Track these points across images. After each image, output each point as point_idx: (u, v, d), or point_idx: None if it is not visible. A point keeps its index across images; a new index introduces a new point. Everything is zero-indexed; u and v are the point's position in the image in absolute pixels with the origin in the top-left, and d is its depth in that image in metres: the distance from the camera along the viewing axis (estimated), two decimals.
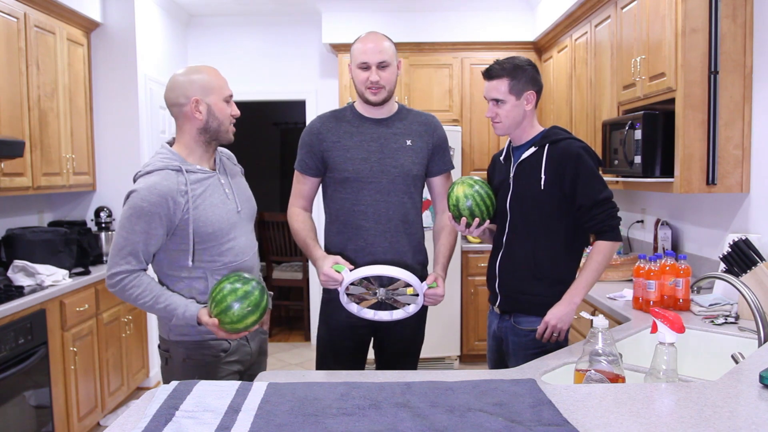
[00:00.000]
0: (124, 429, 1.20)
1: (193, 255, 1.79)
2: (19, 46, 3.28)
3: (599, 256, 2.01)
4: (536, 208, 2.02)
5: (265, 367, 2.06)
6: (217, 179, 1.87)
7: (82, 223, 4.03)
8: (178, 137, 1.88)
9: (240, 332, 1.75)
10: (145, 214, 1.72)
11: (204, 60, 5.19)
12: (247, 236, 1.92)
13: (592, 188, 1.97)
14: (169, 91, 1.83)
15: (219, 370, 1.83)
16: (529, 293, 2.06)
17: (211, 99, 1.82)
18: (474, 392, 1.31)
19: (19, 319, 2.79)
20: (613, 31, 3.29)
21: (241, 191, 1.94)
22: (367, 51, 2.02)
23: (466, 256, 4.62)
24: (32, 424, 2.87)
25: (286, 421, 1.17)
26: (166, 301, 1.76)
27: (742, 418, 1.21)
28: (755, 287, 2.13)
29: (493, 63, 2.05)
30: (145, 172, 1.79)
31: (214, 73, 1.87)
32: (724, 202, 2.79)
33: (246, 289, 1.71)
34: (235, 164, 2.04)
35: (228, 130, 1.88)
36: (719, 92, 2.55)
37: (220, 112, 1.84)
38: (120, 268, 1.75)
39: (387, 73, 2.03)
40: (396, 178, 2.07)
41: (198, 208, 1.78)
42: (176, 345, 1.85)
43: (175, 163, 1.79)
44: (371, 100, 2.05)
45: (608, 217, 1.99)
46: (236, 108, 1.89)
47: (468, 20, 4.83)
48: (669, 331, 1.41)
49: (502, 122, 2.06)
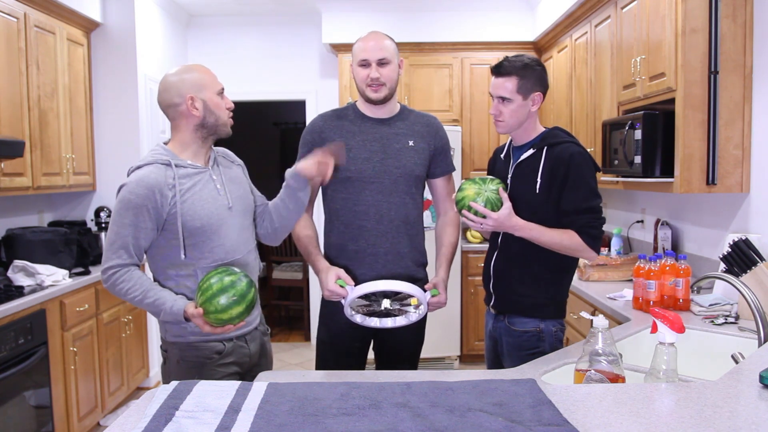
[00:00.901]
0: (124, 429, 1.20)
1: (185, 250, 1.79)
2: (19, 46, 3.28)
3: (566, 238, 1.92)
4: (531, 211, 1.98)
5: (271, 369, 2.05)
6: (208, 175, 1.86)
7: (82, 223, 4.03)
8: (173, 136, 1.89)
9: (225, 325, 1.72)
10: (132, 207, 1.74)
11: (204, 60, 5.18)
12: (241, 233, 1.90)
13: (576, 195, 1.93)
14: (163, 93, 1.84)
15: (214, 372, 1.82)
16: (522, 294, 2.05)
17: (205, 95, 1.83)
18: (474, 392, 1.31)
19: (19, 319, 2.78)
20: (613, 31, 3.29)
21: (235, 188, 1.93)
22: (367, 48, 2.02)
23: (466, 256, 4.62)
24: (32, 424, 2.87)
25: (286, 421, 1.17)
26: (154, 296, 1.75)
27: (742, 418, 1.21)
28: (755, 287, 2.13)
29: (503, 59, 2.01)
30: (135, 167, 1.82)
31: (203, 69, 1.88)
32: (724, 202, 2.79)
33: (232, 279, 1.70)
34: (232, 161, 2.02)
35: (226, 123, 1.89)
36: (719, 92, 2.55)
37: (216, 107, 1.85)
38: (112, 263, 1.76)
39: (387, 71, 2.02)
40: (398, 179, 2.07)
41: (186, 202, 1.78)
42: (172, 346, 1.86)
43: (164, 157, 1.81)
44: (372, 98, 2.04)
45: (588, 225, 1.93)
46: (230, 101, 1.90)
47: (468, 20, 4.83)
48: (669, 331, 1.41)
49: (506, 121, 2.02)
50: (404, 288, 1.88)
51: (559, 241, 1.94)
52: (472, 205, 1.93)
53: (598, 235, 1.94)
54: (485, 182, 1.96)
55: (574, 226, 1.94)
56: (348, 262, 2.07)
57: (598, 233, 1.95)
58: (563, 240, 1.94)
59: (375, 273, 2.04)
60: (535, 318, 2.03)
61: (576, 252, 1.96)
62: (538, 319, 2.03)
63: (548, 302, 2.04)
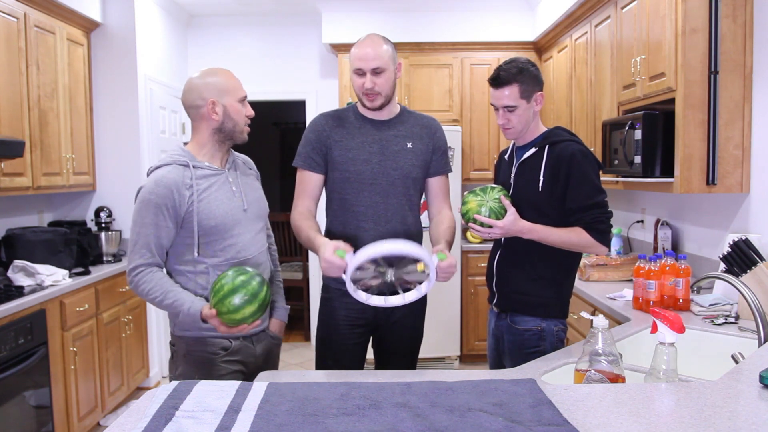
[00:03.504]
0: (124, 429, 1.20)
1: (198, 248, 1.83)
2: (19, 46, 3.28)
3: (574, 236, 1.94)
4: (534, 209, 2.00)
5: None
6: (225, 177, 1.91)
7: (82, 223, 4.03)
8: (192, 136, 1.94)
9: (239, 324, 1.74)
10: (152, 206, 1.78)
11: (204, 60, 5.20)
12: (253, 235, 1.94)
13: (580, 192, 1.95)
14: (186, 93, 1.89)
15: (218, 368, 1.86)
16: (525, 293, 2.05)
17: (226, 100, 1.87)
18: (474, 392, 1.31)
19: (19, 319, 2.78)
20: (613, 31, 3.29)
21: (250, 192, 1.98)
22: (361, 57, 2.01)
23: (466, 256, 4.62)
24: (32, 424, 2.87)
25: (286, 421, 1.17)
26: (174, 297, 1.78)
27: (742, 418, 1.21)
28: (755, 287, 2.13)
29: (498, 69, 2.02)
30: (154, 167, 1.87)
31: (229, 75, 1.92)
32: (724, 202, 2.79)
33: (244, 278, 1.72)
34: (250, 168, 2.08)
35: (243, 130, 1.93)
36: (719, 92, 2.55)
37: (236, 113, 1.89)
38: (135, 263, 1.80)
39: (382, 80, 2.01)
40: (396, 181, 2.07)
41: (202, 201, 1.82)
42: (180, 340, 1.91)
43: (183, 158, 1.85)
44: (367, 106, 2.07)
45: (595, 220, 1.95)
46: (250, 108, 1.95)
47: (468, 20, 4.83)
48: (669, 331, 1.41)
49: (515, 127, 2.05)
50: (408, 249, 1.68)
51: (567, 239, 1.96)
52: (477, 217, 1.97)
53: (606, 230, 1.96)
54: (486, 192, 2.00)
55: (582, 223, 1.95)
56: None
57: (606, 227, 1.97)
58: (572, 238, 1.96)
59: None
60: (537, 317, 2.04)
61: (586, 248, 1.98)
62: (540, 318, 2.04)
63: (551, 301, 2.05)
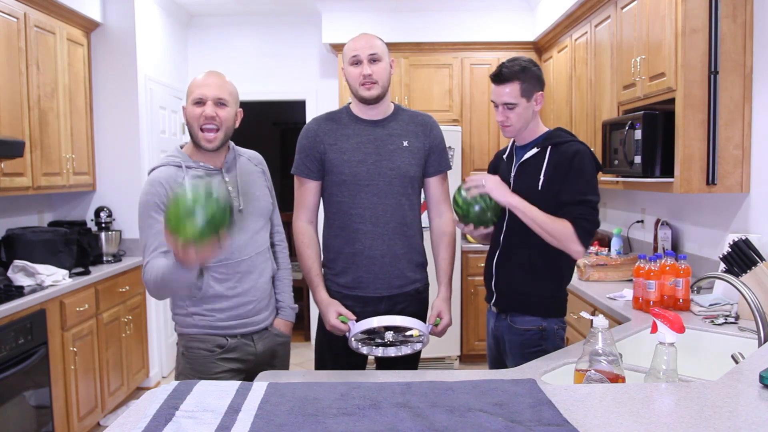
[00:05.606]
0: (124, 429, 1.20)
1: None
2: (19, 46, 3.28)
3: (557, 224, 1.91)
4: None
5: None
6: (220, 176, 1.89)
7: (82, 223, 4.03)
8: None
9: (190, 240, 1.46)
10: (149, 206, 1.79)
11: (204, 60, 5.20)
12: (251, 235, 1.92)
13: (575, 187, 1.94)
14: None
15: (214, 365, 1.86)
16: (524, 292, 2.05)
17: (187, 104, 1.86)
18: (474, 392, 1.31)
19: (19, 319, 2.78)
20: (613, 31, 3.29)
21: (251, 190, 1.95)
22: (357, 47, 2.03)
23: (466, 256, 4.62)
24: (32, 424, 2.87)
25: (286, 421, 1.17)
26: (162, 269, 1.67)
27: (742, 418, 1.21)
28: (755, 287, 2.13)
29: (501, 66, 2.02)
30: (150, 169, 1.88)
31: (201, 75, 1.87)
32: (724, 202, 2.79)
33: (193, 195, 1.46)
34: (256, 165, 2.03)
35: (196, 134, 1.82)
36: (719, 92, 2.55)
37: (190, 116, 1.83)
38: (144, 263, 1.80)
39: (379, 68, 2.02)
40: (393, 180, 2.06)
41: None
42: (180, 337, 1.93)
43: (176, 159, 1.86)
44: (365, 96, 2.03)
45: (582, 217, 1.91)
46: (209, 108, 1.79)
47: (468, 20, 4.83)
48: (669, 331, 1.41)
49: (513, 125, 2.04)
50: (405, 323, 1.88)
51: (550, 223, 1.91)
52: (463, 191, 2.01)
53: (590, 230, 1.93)
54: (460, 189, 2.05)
55: (569, 216, 1.93)
56: (345, 265, 2.07)
57: (591, 228, 1.93)
58: (555, 224, 1.91)
59: (371, 275, 2.05)
60: (538, 316, 2.03)
61: (562, 240, 1.91)
62: (540, 317, 2.04)
63: (550, 300, 2.05)
